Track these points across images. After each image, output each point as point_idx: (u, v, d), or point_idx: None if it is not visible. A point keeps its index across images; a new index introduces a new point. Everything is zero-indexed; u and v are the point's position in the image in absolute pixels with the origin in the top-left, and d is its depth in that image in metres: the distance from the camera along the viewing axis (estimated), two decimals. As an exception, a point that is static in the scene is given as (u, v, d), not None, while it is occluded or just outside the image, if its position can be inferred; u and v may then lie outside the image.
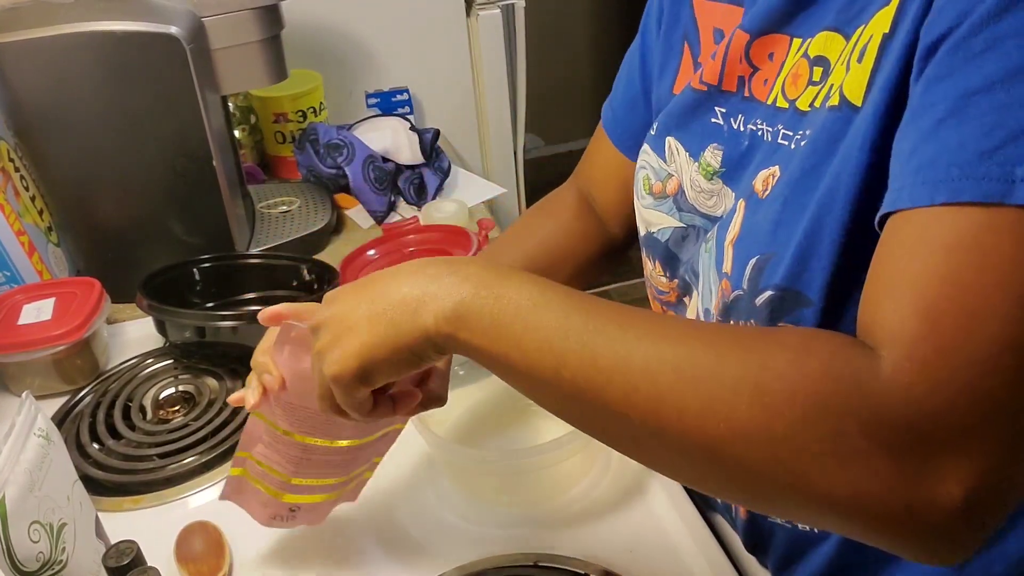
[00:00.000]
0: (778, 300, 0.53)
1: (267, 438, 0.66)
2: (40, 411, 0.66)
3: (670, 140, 0.67)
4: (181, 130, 1.05)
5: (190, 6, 1.05)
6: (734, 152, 0.62)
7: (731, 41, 0.61)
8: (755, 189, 0.57)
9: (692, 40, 0.68)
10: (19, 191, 1.06)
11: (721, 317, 0.60)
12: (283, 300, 1.02)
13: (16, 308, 0.98)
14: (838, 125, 0.50)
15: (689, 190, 0.66)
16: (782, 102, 0.57)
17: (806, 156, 0.52)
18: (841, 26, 0.53)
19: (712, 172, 0.63)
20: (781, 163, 0.55)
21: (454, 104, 1.67)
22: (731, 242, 0.58)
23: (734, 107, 0.62)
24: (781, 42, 0.58)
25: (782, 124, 0.56)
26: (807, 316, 0.52)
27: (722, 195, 0.63)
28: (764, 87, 0.59)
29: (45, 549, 0.61)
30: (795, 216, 0.52)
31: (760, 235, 0.55)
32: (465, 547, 0.74)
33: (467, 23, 1.61)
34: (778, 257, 0.53)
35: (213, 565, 0.72)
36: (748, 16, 0.60)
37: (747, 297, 0.56)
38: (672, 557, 0.72)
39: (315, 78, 1.46)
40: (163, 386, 0.96)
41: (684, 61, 0.69)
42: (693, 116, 0.65)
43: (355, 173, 1.29)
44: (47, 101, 1.02)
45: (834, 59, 0.53)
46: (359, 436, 0.67)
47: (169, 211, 1.10)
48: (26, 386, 0.94)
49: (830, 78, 0.53)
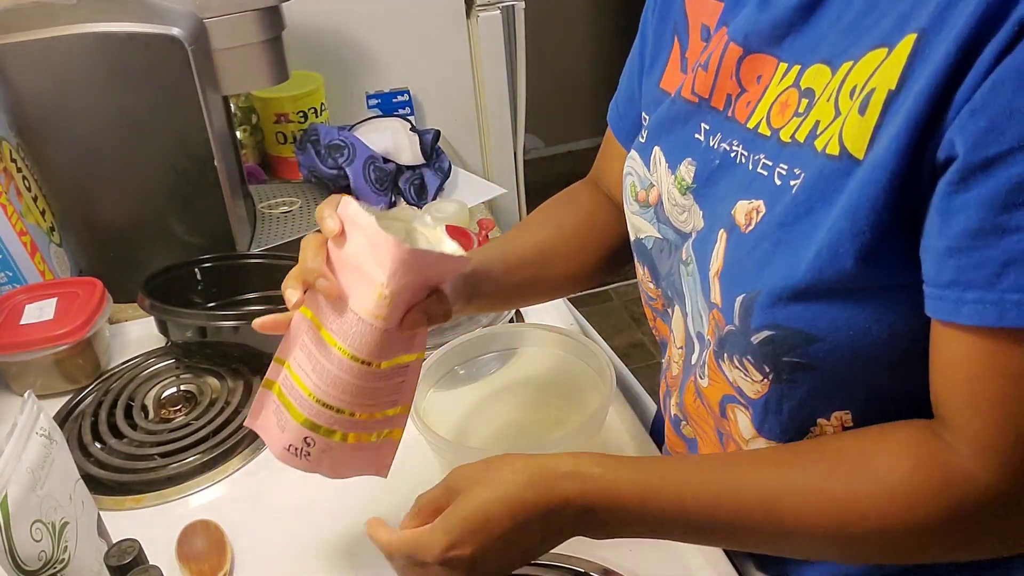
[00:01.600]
0: (780, 339, 0.54)
1: (307, 338, 0.62)
2: (42, 410, 0.67)
3: (656, 149, 0.67)
4: (183, 131, 1.06)
5: (192, 7, 1.05)
6: (704, 169, 0.61)
7: (724, 55, 0.60)
8: (737, 222, 0.56)
9: (682, 34, 0.68)
10: (21, 191, 1.07)
11: (717, 347, 0.60)
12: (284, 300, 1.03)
13: (18, 308, 0.99)
14: (838, 175, 0.50)
15: (666, 202, 0.65)
16: (764, 129, 0.56)
17: (801, 200, 0.52)
18: (831, 58, 0.53)
19: (686, 187, 0.63)
20: (765, 198, 0.54)
21: (454, 105, 1.67)
22: (716, 274, 0.58)
23: (717, 125, 0.61)
24: (768, 64, 0.57)
25: (764, 154, 0.56)
26: (816, 351, 0.53)
27: (692, 212, 0.62)
28: (746, 109, 0.59)
29: (47, 548, 0.62)
30: (790, 260, 0.52)
31: (747, 272, 0.55)
32: (465, 546, 0.74)
33: (467, 24, 1.61)
34: (769, 297, 0.53)
35: (214, 564, 0.72)
36: (741, 29, 0.59)
37: (739, 334, 0.56)
38: (672, 557, 0.72)
39: (316, 79, 1.46)
40: (165, 385, 0.96)
41: (673, 55, 0.69)
42: (679, 127, 0.65)
43: (356, 173, 1.29)
44: (49, 102, 1.02)
45: (819, 91, 0.53)
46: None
47: (171, 211, 1.11)
48: (28, 386, 0.95)
49: (813, 112, 0.53)
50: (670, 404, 0.73)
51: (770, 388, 0.57)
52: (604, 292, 2.82)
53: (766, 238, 0.54)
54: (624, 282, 2.85)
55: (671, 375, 0.73)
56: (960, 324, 0.46)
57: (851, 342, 0.52)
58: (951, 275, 0.46)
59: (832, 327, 0.52)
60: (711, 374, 0.62)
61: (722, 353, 0.59)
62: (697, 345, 0.65)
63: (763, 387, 0.57)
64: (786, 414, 0.58)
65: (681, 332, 0.68)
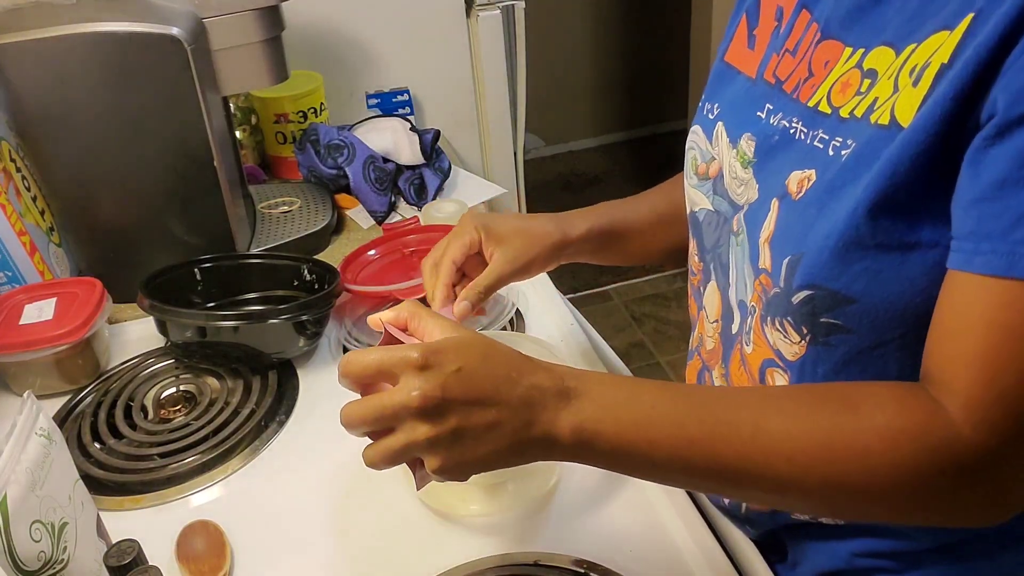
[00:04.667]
0: (818, 299, 0.55)
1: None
2: (42, 411, 0.67)
3: (719, 124, 0.69)
4: (182, 131, 1.06)
5: (191, 7, 1.05)
6: (764, 144, 0.63)
7: (808, 40, 0.61)
8: (789, 190, 0.58)
9: (751, 11, 0.69)
10: (21, 191, 1.07)
11: (763, 312, 0.61)
12: (284, 300, 1.04)
13: (18, 308, 0.99)
14: (883, 143, 0.51)
15: (727, 175, 0.67)
16: (825, 107, 0.58)
17: (849, 168, 0.53)
18: (896, 41, 0.54)
19: (747, 161, 0.64)
20: (818, 167, 0.56)
21: (454, 104, 1.67)
22: (766, 240, 0.59)
23: (780, 105, 0.63)
24: (836, 50, 0.59)
25: (823, 129, 0.57)
26: (852, 312, 0.54)
27: (749, 185, 0.64)
28: (811, 91, 0.60)
29: (47, 548, 0.62)
30: (831, 220, 0.53)
31: (793, 236, 0.56)
32: (465, 546, 0.74)
33: (467, 23, 1.61)
34: (811, 257, 0.54)
35: (214, 564, 0.72)
36: (824, 15, 0.60)
37: (784, 294, 0.57)
38: (672, 557, 0.72)
39: (316, 79, 1.46)
40: (164, 386, 0.96)
41: (739, 30, 0.70)
42: (746, 105, 0.66)
43: (355, 173, 1.29)
44: (49, 101, 1.02)
45: (882, 71, 0.54)
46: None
47: (170, 211, 1.11)
48: (28, 386, 0.95)
49: (874, 90, 0.54)
50: (711, 380, 0.74)
51: (807, 350, 0.59)
52: (604, 292, 2.82)
53: (813, 204, 0.55)
54: (624, 282, 2.85)
55: (705, 350, 0.74)
56: (970, 272, 0.47)
57: (886, 306, 0.53)
58: (972, 225, 0.47)
59: (867, 289, 0.53)
60: (755, 339, 0.64)
61: (767, 317, 0.61)
62: (738, 314, 0.67)
63: (800, 349, 0.59)
64: (821, 377, 0.59)
65: (715, 306, 0.70)
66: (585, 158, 3.75)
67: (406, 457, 0.53)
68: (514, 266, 0.76)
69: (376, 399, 0.52)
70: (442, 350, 0.52)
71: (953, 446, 0.49)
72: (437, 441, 0.51)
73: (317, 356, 1.00)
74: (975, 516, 0.53)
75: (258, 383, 0.94)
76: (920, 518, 0.55)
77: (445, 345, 0.53)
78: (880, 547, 0.66)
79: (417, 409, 0.50)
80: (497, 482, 0.77)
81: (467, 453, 0.52)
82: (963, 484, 0.50)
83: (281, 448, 0.88)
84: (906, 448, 0.50)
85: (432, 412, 0.51)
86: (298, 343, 0.96)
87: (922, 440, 0.50)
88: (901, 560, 0.66)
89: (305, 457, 0.87)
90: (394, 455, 0.53)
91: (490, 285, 0.75)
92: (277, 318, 0.93)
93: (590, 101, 3.72)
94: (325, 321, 0.99)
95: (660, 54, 3.60)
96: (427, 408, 0.51)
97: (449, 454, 0.52)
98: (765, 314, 0.61)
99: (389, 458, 0.53)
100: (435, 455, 0.52)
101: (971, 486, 0.50)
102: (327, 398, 0.93)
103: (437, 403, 0.51)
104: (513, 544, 0.74)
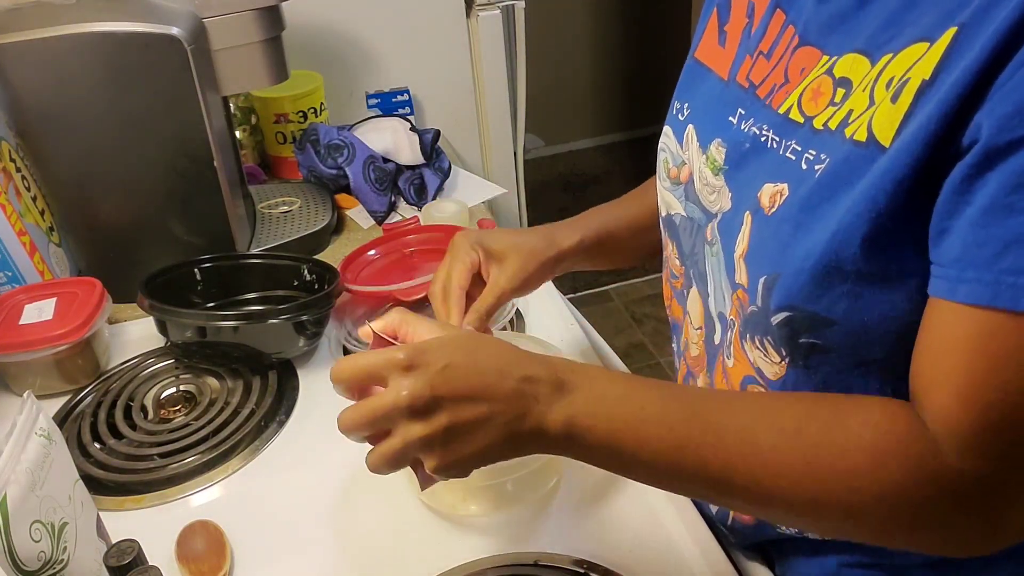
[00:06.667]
0: (797, 320, 0.54)
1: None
2: (41, 411, 0.67)
3: (690, 127, 0.68)
4: (182, 131, 1.06)
5: (191, 7, 1.05)
6: (735, 152, 0.62)
7: (784, 45, 0.60)
8: (761, 204, 0.57)
9: (722, 6, 0.68)
10: (20, 191, 1.07)
11: (741, 328, 0.60)
12: (283, 300, 1.04)
13: (18, 308, 0.99)
14: (862, 161, 0.50)
15: (697, 181, 0.66)
16: (796, 115, 0.57)
17: (825, 185, 0.52)
18: (870, 49, 0.53)
19: (718, 168, 0.63)
20: (791, 182, 0.55)
21: (454, 104, 1.67)
22: (741, 256, 0.58)
23: (752, 110, 0.62)
24: (814, 57, 0.57)
25: (795, 140, 0.56)
26: (832, 333, 0.53)
27: (721, 193, 0.63)
28: (784, 97, 0.59)
29: (46, 548, 0.61)
30: (808, 242, 0.52)
31: (768, 254, 0.55)
32: (465, 546, 0.74)
33: (467, 23, 1.61)
34: (788, 279, 0.53)
35: (214, 564, 0.72)
36: (801, 19, 0.59)
37: (761, 314, 0.57)
38: (672, 557, 0.72)
39: (316, 79, 1.46)
40: (164, 386, 0.96)
41: (711, 25, 0.69)
42: (717, 108, 0.65)
43: (355, 173, 1.29)
44: (49, 101, 1.02)
45: (856, 81, 0.53)
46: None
47: (170, 211, 1.11)
48: (28, 386, 0.95)
49: (848, 101, 0.53)
50: (696, 385, 0.74)
51: (787, 371, 0.58)
52: (604, 292, 2.82)
53: (787, 221, 0.54)
54: (624, 282, 2.85)
55: (690, 356, 0.74)
56: (953, 301, 0.46)
57: (865, 329, 0.52)
58: (956, 252, 0.46)
59: (847, 312, 0.52)
60: (736, 354, 0.63)
61: (745, 333, 0.60)
62: (719, 326, 0.66)
63: (781, 369, 0.58)
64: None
65: (698, 313, 0.69)
66: (585, 158, 3.75)
67: (406, 459, 0.54)
68: (513, 284, 0.76)
69: (368, 403, 0.52)
70: (428, 349, 0.52)
71: (939, 470, 0.48)
72: (431, 439, 0.51)
73: (317, 356, 1.00)
74: (969, 545, 0.52)
75: (258, 383, 0.94)
76: (910, 542, 0.53)
77: (431, 344, 0.53)
78: (868, 559, 0.65)
79: (407, 409, 0.51)
80: (497, 482, 0.77)
81: (462, 449, 0.52)
82: (951, 510, 0.49)
83: (281, 448, 0.88)
84: (893, 468, 0.49)
85: (423, 411, 0.51)
86: (298, 343, 0.96)
87: (909, 462, 0.49)
88: (890, 572, 0.65)
89: (305, 457, 0.87)
90: (393, 457, 0.53)
91: (491, 307, 0.75)
92: (277, 318, 0.93)
93: (590, 101, 3.72)
94: (325, 321, 0.99)
95: (660, 54, 3.60)
96: (417, 407, 0.51)
97: (445, 451, 0.52)
98: (744, 331, 0.60)
99: (389, 461, 0.53)
100: (431, 454, 0.52)
101: (961, 513, 0.50)
102: (327, 398, 0.92)
103: (426, 401, 0.51)
104: (513, 544, 0.74)
